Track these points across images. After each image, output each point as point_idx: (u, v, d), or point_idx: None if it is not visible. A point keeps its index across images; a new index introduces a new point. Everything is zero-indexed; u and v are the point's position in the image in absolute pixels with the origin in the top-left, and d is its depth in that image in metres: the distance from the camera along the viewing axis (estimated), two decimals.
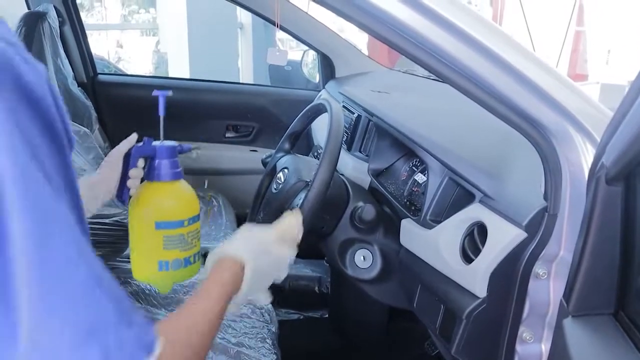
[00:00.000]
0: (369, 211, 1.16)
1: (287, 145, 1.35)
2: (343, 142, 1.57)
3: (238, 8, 5.06)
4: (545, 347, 0.91)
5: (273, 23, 2.07)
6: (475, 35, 0.74)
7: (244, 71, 5.50)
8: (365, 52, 2.84)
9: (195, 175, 2.29)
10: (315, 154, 1.75)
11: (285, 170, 1.23)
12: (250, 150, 2.38)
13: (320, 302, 1.98)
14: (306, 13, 2.17)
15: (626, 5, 7.04)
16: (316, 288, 1.99)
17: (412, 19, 0.73)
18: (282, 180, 1.21)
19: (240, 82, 4.87)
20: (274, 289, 1.95)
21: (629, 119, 0.53)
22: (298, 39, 2.14)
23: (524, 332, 0.91)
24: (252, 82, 5.10)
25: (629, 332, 0.63)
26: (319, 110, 1.28)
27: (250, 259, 0.78)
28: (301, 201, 1.04)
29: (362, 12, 0.73)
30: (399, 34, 0.75)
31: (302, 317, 1.97)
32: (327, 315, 1.97)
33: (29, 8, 2.12)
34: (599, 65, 7.93)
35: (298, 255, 2.09)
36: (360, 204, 1.18)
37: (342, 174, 1.37)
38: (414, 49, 0.76)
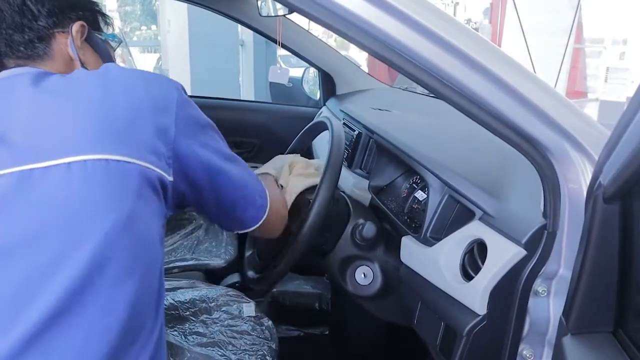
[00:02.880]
0: (369, 228, 1.16)
1: None
2: (344, 159, 1.58)
3: (239, 26, 5.11)
4: None
5: (275, 41, 2.10)
6: (474, 55, 0.75)
7: (245, 88, 5.54)
8: (365, 69, 2.86)
9: None
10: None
11: None
12: (252, 167, 2.39)
13: (320, 319, 1.98)
14: (307, 31, 2.20)
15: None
16: (317, 305, 1.99)
17: (411, 39, 0.74)
18: None
19: (242, 99, 4.89)
20: (275, 306, 1.95)
21: (625, 139, 0.54)
22: (299, 57, 2.16)
23: (524, 349, 0.91)
24: (253, 99, 5.13)
25: (627, 350, 0.64)
26: (320, 127, 1.29)
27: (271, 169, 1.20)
28: (302, 218, 1.05)
29: (361, 32, 0.74)
30: (398, 54, 0.76)
31: (302, 333, 1.97)
32: (327, 332, 1.96)
33: None
34: (598, 82, 7.99)
35: (298, 272, 2.10)
36: (361, 221, 1.19)
37: (343, 191, 1.38)
38: (413, 69, 0.77)
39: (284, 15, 1.59)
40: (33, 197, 0.66)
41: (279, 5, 1.48)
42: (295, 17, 2.09)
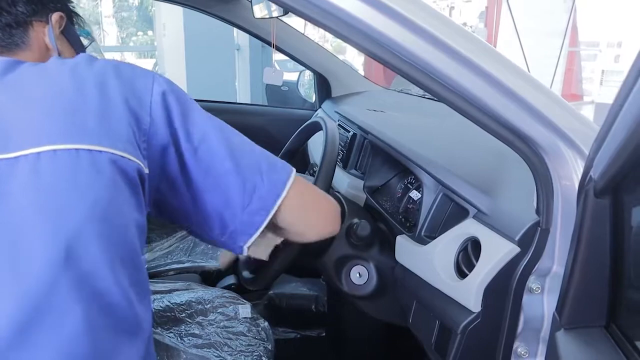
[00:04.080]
0: (364, 227, 1.16)
1: None
2: (339, 160, 1.59)
3: (235, 30, 5.12)
4: None
5: (270, 44, 2.11)
6: (469, 54, 0.75)
7: (241, 92, 5.54)
8: (361, 72, 2.87)
9: None
10: (311, 171, 1.76)
11: None
12: None
13: (317, 321, 1.98)
14: (302, 34, 2.20)
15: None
16: (313, 307, 1.99)
17: (405, 38, 0.75)
18: None
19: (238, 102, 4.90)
20: (271, 308, 1.95)
21: (612, 132, 0.55)
22: (295, 60, 2.17)
23: (518, 346, 0.92)
24: (249, 103, 5.13)
25: (620, 344, 0.64)
26: (315, 128, 1.30)
27: None
28: None
29: (356, 32, 0.75)
30: (393, 53, 0.77)
31: (299, 335, 1.97)
32: (324, 334, 1.96)
33: None
34: (593, 85, 8.01)
35: (294, 274, 2.10)
36: (356, 220, 1.19)
37: (337, 191, 1.38)
38: (408, 68, 0.77)
39: (278, 17, 1.59)
40: (2, 188, 0.64)
41: (273, 7, 1.49)
42: (290, 20, 2.10)
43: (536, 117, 0.79)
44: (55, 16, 0.84)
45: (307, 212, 0.89)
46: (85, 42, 0.96)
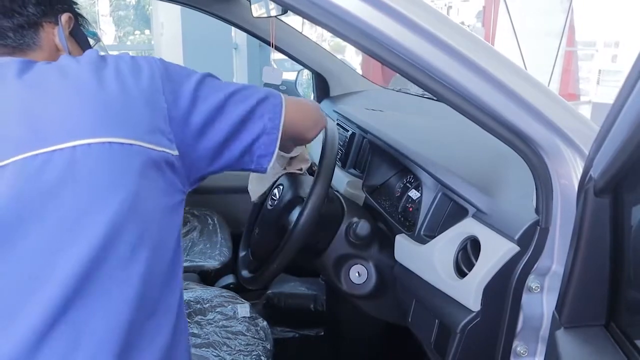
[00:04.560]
0: (363, 226, 1.16)
1: None
2: (338, 160, 1.59)
3: (233, 29, 5.11)
4: None
5: (268, 43, 2.10)
6: (468, 53, 0.75)
7: None
8: (359, 72, 2.87)
9: (190, 193, 2.30)
10: (310, 170, 1.76)
11: (280, 186, 1.24)
12: None
13: (315, 320, 1.98)
14: (301, 33, 2.20)
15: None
16: (312, 306, 1.99)
17: (405, 38, 0.75)
18: (277, 196, 1.22)
19: None
20: (270, 307, 1.95)
21: (613, 132, 0.55)
22: (293, 59, 2.16)
23: (518, 345, 0.92)
24: None
25: (619, 342, 0.64)
26: None
27: None
28: (296, 216, 1.05)
29: (355, 30, 0.75)
30: (392, 52, 0.77)
31: (297, 335, 1.97)
32: (322, 333, 1.96)
33: None
34: (590, 85, 8.03)
35: (293, 274, 2.10)
36: (355, 219, 1.19)
37: (336, 191, 1.38)
38: (407, 67, 0.77)
39: (276, 17, 1.59)
40: (40, 181, 0.67)
41: (271, 6, 1.48)
42: (289, 20, 2.10)
43: (536, 117, 0.79)
44: (64, 17, 0.87)
45: (302, 117, 1.00)
46: (91, 42, 0.97)
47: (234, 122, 0.84)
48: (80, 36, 0.93)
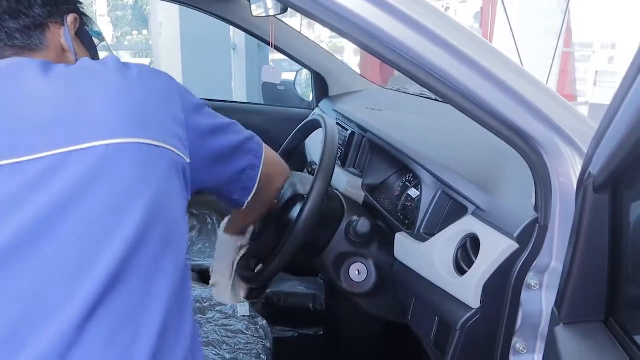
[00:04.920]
0: (364, 224, 1.17)
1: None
2: (337, 159, 1.59)
3: (231, 29, 5.11)
4: (538, 358, 0.92)
5: (267, 43, 2.11)
6: (468, 51, 0.76)
7: (237, 91, 5.54)
8: (358, 72, 2.87)
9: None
10: (310, 169, 1.76)
11: None
12: None
13: (314, 320, 1.99)
14: (300, 33, 2.21)
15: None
16: (311, 305, 2.00)
17: (405, 35, 0.76)
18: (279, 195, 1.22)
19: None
20: (269, 307, 1.95)
21: (612, 129, 0.55)
22: (292, 58, 2.17)
23: (517, 342, 0.92)
24: (246, 102, 5.13)
25: (618, 338, 0.65)
26: (314, 126, 1.30)
27: None
28: (297, 214, 1.06)
29: (359, 30, 0.76)
30: (392, 49, 0.77)
31: (296, 334, 1.98)
32: (321, 332, 1.97)
33: None
34: (587, 86, 8.05)
35: (292, 273, 2.11)
36: (355, 217, 1.20)
37: (336, 189, 1.39)
38: (406, 64, 0.78)
39: (275, 16, 1.60)
40: (72, 178, 0.68)
41: (270, 5, 1.49)
42: (288, 19, 2.11)
43: (535, 115, 0.80)
44: (70, 17, 0.87)
45: (274, 162, 1.04)
46: (96, 42, 0.98)
47: (231, 146, 0.90)
48: (85, 36, 0.93)
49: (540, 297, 0.90)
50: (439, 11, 0.78)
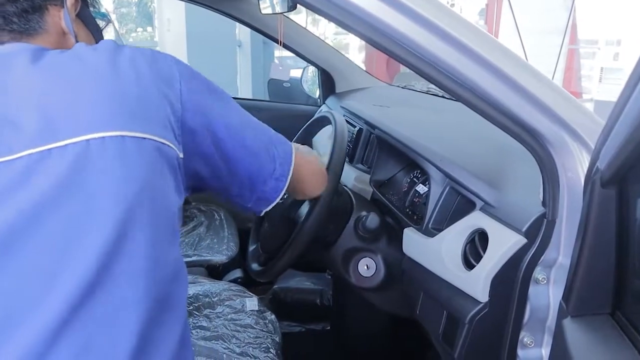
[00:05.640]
0: (373, 219, 1.18)
1: None
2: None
3: (236, 26, 5.12)
4: (545, 352, 0.93)
5: (274, 40, 2.12)
6: (477, 48, 0.77)
7: (243, 88, 5.55)
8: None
9: None
10: None
11: None
12: None
13: (322, 315, 2.00)
14: (306, 30, 2.22)
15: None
16: (318, 301, 2.01)
17: (413, 31, 0.77)
18: None
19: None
20: (276, 302, 1.96)
21: (620, 123, 0.56)
22: (299, 55, 2.18)
23: (524, 336, 0.93)
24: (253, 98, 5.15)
25: (625, 330, 0.66)
26: (323, 122, 1.31)
27: None
28: (307, 210, 1.07)
29: (370, 28, 0.77)
30: (401, 46, 0.78)
31: (304, 329, 1.99)
32: (329, 328, 1.98)
33: None
34: (592, 83, 8.02)
35: (299, 269, 2.12)
36: (364, 213, 1.21)
37: (345, 185, 1.40)
38: (415, 60, 0.79)
39: (282, 13, 1.60)
40: (53, 175, 0.67)
41: (279, 3, 1.49)
42: (293, 16, 2.12)
43: (543, 111, 0.81)
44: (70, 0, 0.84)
45: (308, 172, 1.01)
46: (102, 24, 0.95)
47: (245, 145, 0.85)
48: (88, 18, 0.90)
49: (547, 291, 0.91)
50: (444, 6, 0.79)
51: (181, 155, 0.77)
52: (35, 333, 0.65)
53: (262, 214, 0.94)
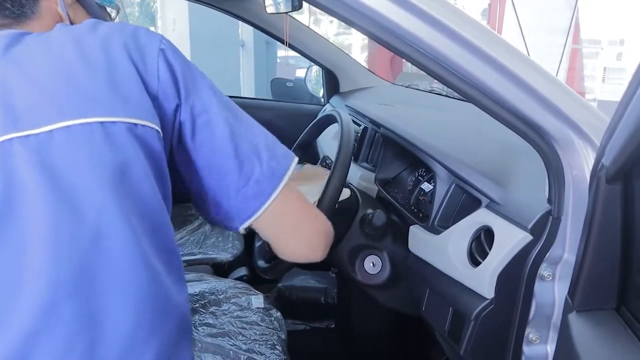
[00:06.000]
0: (379, 217, 1.19)
1: (297, 155, 1.39)
2: None
3: (239, 26, 5.13)
4: (550, 348, 0.94)
5: (279, 40, 2.13)
6: (482, 45, 0.78)
7: (245, 88, 5.56)
8: None
9: None
10: (324, 164, 1.79)
11: None
12: None
13: (326, 313, 2.01)
14: (310, 29, 2.23)
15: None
16: (322, 299, 2.02)
17: (420, 30, 0.77)
18: None
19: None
20: (281, 300, 1.97)
21: (625, 119, 0.57)
22: (304, 55, 2.19)
23: (530, 333, 0.94)
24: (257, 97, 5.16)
25: (630, 325, 0.66)
26: (329, 120, 1.32)
27: None
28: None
29: (374, 25, 0.78)
30: (408, 44, 0.79)
31: (308, 327, 2.00)
32: (333, 326, 1.99)
33: None
34: (595, 82, 8.02)
35: (304, 267, 2.13)
36: (370, 210, 1.22)
37: (350, 184, 1.41)
38: (422, 58, 0.80)
39: (287, 13, 1.61)
40: (16, 169, 0.63)
41: (285, 2, 1.50)
42: (298, 16, 2.13)
43: (549, 109, 0.81)
44: None
45: (297, 219, 0.84)
46: (112, 12, 0.93)
47: (222, 148, 0.75)
48: (90, 4, 0.86)
49: (553, 288, 0.91)
50: (450, 4, 0.79)
51: (161, 135, 0.71)
52: (16, 331, 0.62)
53: (238, 231, 0.81)
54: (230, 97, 2.75)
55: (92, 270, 0.64)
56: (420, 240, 1.15)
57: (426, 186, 1.27)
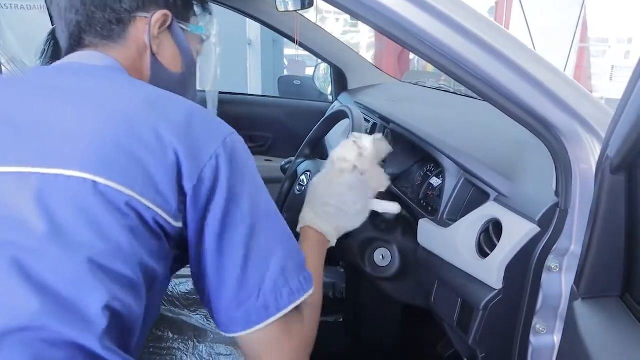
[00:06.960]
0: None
1: (307, 151, 1.42)
2: None
3: (247, 25, 5.15)
4: (557, 338, 0.96)
5: (289, 38, 2.16)
6: (491, 40, 0.80)
7: (253, 86, 5.58)
8: None
9: None
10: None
11: (308, 173, 1.28)
12: (265, 160, 2.45)
13: (334, 307, 2.02)
14: (319, 27, 2.25)
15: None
16: (330, 294, 2.03)
17: (431, 25, 0.79)
18: (305, 182, 1.27)
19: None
20: None
21: (628, 110, 0.59)
22: (312, 53, 2.21)
23: (537, 323, 0.96)
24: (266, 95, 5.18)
25: (634, 312, 0.68)
26: (340, 116, 1.35)
27: (321, 223, 1.01)
28: None
29: (390, 23, 0.80)
30: (418, 39, 0.81)
31: None
32: (341, 320, 2.01)
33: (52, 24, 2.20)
34: (603, 81, 7.99)
35: None
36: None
37: None
38: (433, 54, 0.82)
39: (296, 11, 1.63)
40: (14, 202, 0.63)
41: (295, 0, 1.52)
42: (307, 14, 2.15)
43: (556, 103, 0.83)
44: (156, 15, 0.83)
45: (278, 352, 0.79)
46: (212, 39, 0.94)
47: (238, 253, 0.73)
48: (178, 36, 0.88)
49: (560, 279, 0.93)
50: (464, 4, 0.81)
51: (178, 225, 0.70)
52: None
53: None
54: (241, 94, 2.80)
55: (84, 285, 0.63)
56: (429, 233, 1.17)
57: (435, 181, 1.29)
